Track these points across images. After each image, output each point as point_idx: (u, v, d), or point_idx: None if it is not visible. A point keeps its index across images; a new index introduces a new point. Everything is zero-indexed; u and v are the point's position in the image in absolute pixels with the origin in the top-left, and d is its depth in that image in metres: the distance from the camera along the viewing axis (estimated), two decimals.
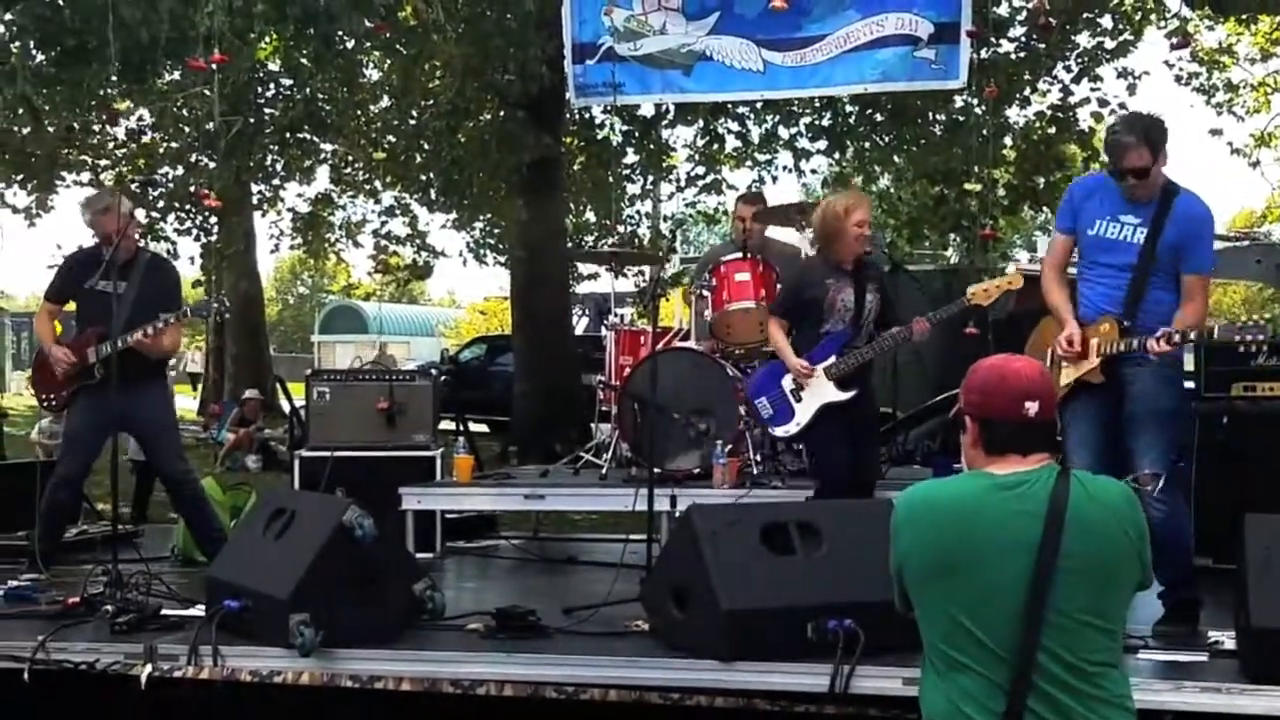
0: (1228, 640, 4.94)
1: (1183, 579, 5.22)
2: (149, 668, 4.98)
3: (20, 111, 13.04)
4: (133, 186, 18.53)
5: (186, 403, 36.06)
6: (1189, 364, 6.48)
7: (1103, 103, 14.81)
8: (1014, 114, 15.52)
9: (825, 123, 16.69)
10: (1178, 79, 17.73)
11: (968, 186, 14.99)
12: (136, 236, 7.31)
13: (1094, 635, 3.06)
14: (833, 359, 6.47)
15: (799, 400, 6.58)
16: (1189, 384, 6.47)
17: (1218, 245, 6.81)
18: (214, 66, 9.48)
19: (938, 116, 15.72)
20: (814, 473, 6.86)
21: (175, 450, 7.30)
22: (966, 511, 3.13)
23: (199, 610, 5.45)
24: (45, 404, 7.36)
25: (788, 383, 6.61)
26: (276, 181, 19.88)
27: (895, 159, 17.26)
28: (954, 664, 3.09)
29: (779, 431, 6.75)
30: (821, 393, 6.50)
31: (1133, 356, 5.19)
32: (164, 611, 5.52)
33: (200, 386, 43.22)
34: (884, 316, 6.64)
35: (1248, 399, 6.87)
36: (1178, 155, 5.28)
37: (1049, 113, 15.42)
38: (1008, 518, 3.08)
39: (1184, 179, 5.33)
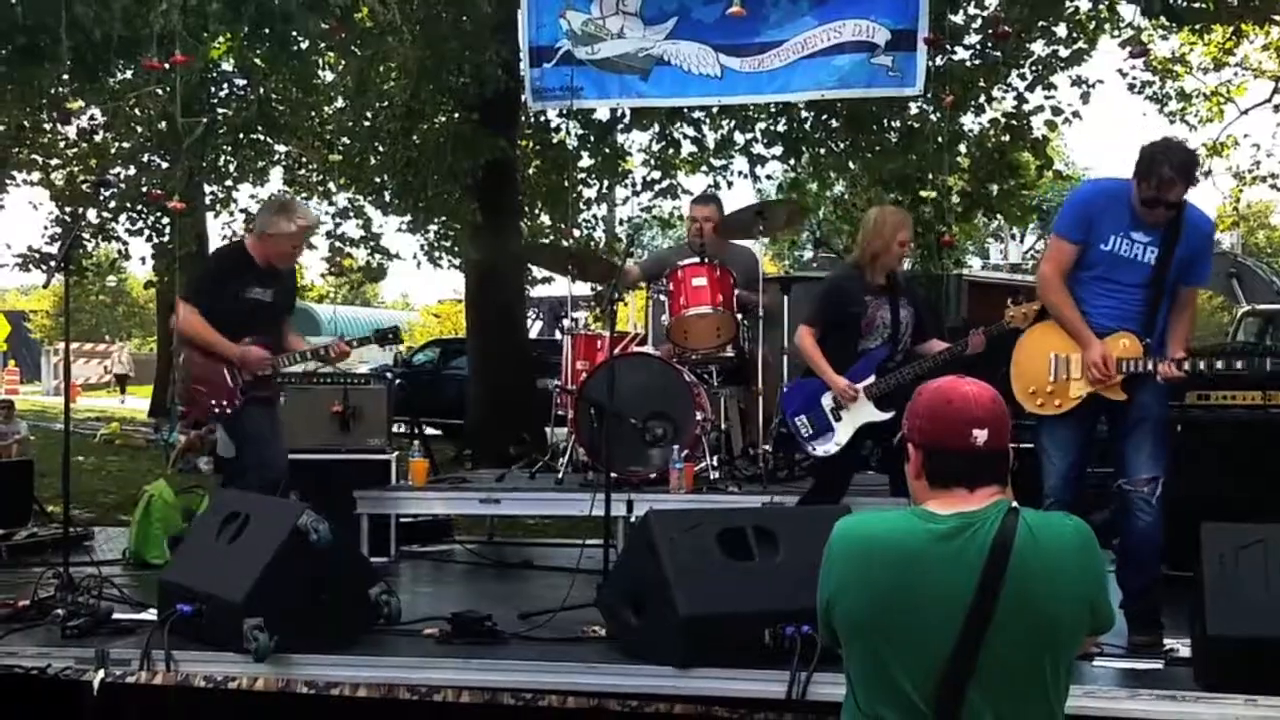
0: (1183, 648, 4.99)
1: (1149, 587, 5.26)
2: (101, 673, 4.93)
3: None
4: (84, 186, 18.36)
5: (109, 404, 35.89)
6: None
7: (1056, 111, 14.87)
8: (969, 121, 15.57)
9: (781, 128, 16.69)
10: (1131, 88, 17.89)
11: (923, 193, 15.02)
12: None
13: (1031, 693, 2.82)
14: (872, 378, 6.49)
15: (839, 419, 6.59)
16: None
17: None
18: (168, 66, 9.40)
19: (893, 123, 15.76)
20: (820, 487, 6.80)
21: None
22: (905, 556, 2.86)
23: (151, 614, 5.39)
24: (218, 411, 6.91)
25: (827, 401, 6.61)
26: (229, 182, 19.73)
27: (850, 165, 17.25)
28: (877, 718, 2.87)
29: (819, 450, 6.69)
30: (862, 412, 6.52)
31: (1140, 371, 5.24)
32: (116, 615, 5.46)
33: (123, 389, 43.08)
34: (922, 330, 6.68)
35: (1202, 407, 6.92)
36: (1129, 164, 5.29)
37: (1003, 120, 15.48)
38: (947, 566, 2.82)
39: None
